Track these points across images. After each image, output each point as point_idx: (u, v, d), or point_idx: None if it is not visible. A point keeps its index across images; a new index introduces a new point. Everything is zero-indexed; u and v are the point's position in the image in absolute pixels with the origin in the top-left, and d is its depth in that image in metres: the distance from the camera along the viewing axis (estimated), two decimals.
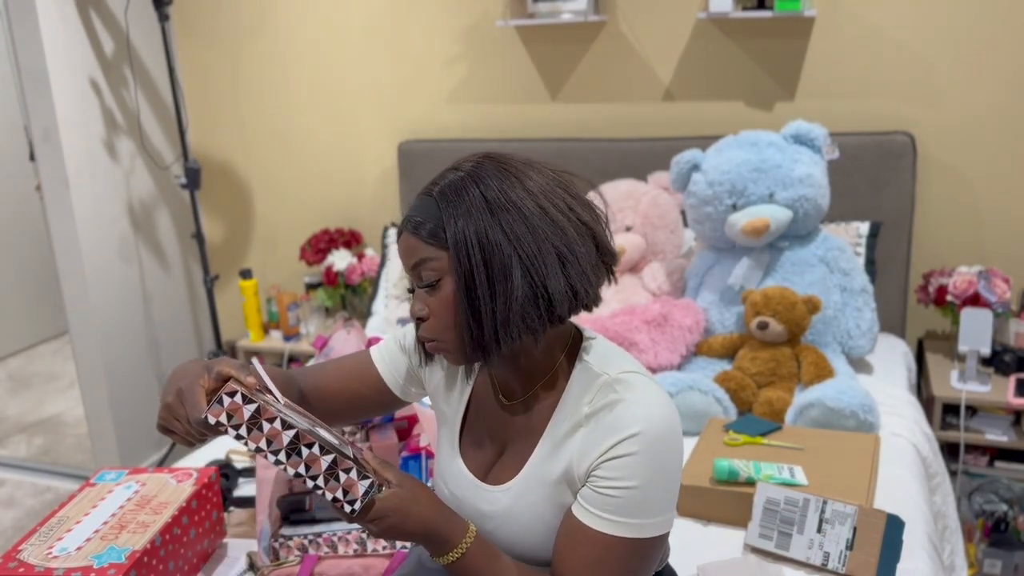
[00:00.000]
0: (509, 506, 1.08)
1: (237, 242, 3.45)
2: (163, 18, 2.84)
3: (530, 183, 1.01)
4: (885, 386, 2.17)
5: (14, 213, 4.37)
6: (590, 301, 1.04)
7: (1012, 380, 2.28)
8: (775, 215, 2.21)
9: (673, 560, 1.30)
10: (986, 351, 2.28)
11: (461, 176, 1.02)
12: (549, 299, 0.99)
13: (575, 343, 1.09)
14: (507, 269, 0.98)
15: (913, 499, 1.68)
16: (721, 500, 1.59)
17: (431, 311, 1.02)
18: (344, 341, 1.86)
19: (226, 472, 1.81)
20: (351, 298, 3.16)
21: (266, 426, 0.92)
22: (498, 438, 1.13)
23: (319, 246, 3.11)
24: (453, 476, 1.15)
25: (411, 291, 1.08)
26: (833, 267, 2.27)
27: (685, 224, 2.60)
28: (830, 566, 1.42)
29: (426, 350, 1.11)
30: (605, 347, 1.09)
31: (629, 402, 1.00)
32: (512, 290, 0.98)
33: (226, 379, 0.98)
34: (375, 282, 2.97)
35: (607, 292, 2.44)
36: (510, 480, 1.08)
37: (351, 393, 1.21)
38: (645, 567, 1.03)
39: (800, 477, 1.60)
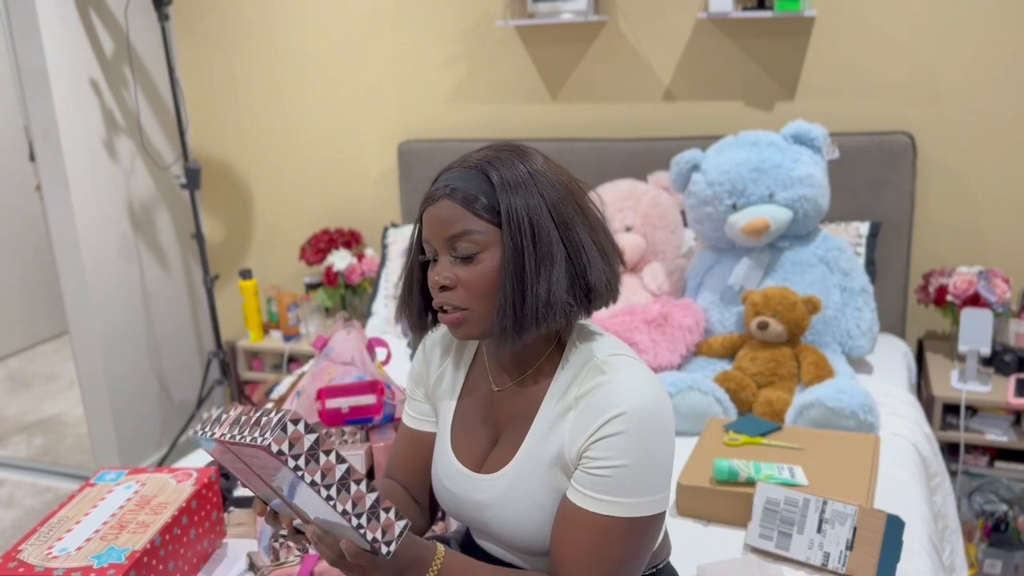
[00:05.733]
0: (504, 493, 1.08)
1: (237, 242, 3.45)
2: (163, 18, 2.84)
3: (563, 176, 1.07)
4: (885, 386, 2.17)
5: (14, 213, 4.37)
6: (617, 296, 1.09)
7: (1012, 380, 2.28)
8: (775, 215, 2.21)
9: (673, 560, 1.30)
10: (986, 351, 2.28)
11: (508, 155, 1.04)
12: (588, 288, 1.04)
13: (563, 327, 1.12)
14: (552, 255, 1.01)
15: (913, 499, 1.68)
16: (721, 500, 1.59)
17: (461, 282, 1.02)
18: (344, 341, 1.86)
19: (226, 472, 1.81)
20: (351, 298, 3.16)
21: (323, 458, 0.88)
22: (491, 427, 1.14)
23: (319, 246, 3.11)
24: (446, 471, 1.16)
25: (426, 259, 1.07)
26: (833, 267, 2.27)
27: (685, 224, 2.60)
28: (830, 566, 1.42)
29: (415, 323, 1.13)
30: (593, 331, 1.11)
31: (615, 383, 1.01)
32: (556, 275, 1.01)
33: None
34: (375, 282, 2.97)
35: None
36: (504, 467, 1.09)
37: (425, 461, 1.23)
38: (644, 548, 1.03)
39: (800, 477, 1.60)
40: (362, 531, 0.90)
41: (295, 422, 0.87)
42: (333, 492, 0.89)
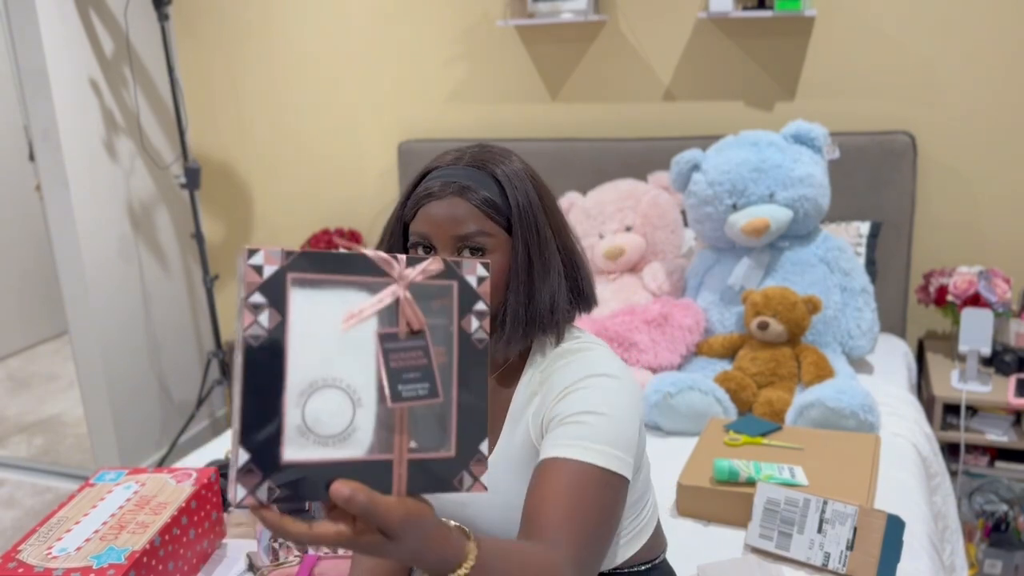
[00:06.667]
0: None
1: (237, 242, 3.45)
2: (163, 18, 2.84)
3: (541, 179, 1.11)
4: (885, 386, 2.17)
5: (14, 213, 4.37)
6: (597, 302, 1.13)
7: (1012, 380, 2.28)
8: (775, 215, 2.21)
9: (673, 560, 1.30)
10: (986, 351, 2.28)
11: (500, 155, 1.06)
12: (579, 292, 1.08)
13: None
14: (553, 261, 1.05)
15: (913, 499, 1.67)
16: (721, 500, 1.59)
17: None
18: None
19: (225, 472, 1.81)
20: None
21: None
22: None
23: (319, 246, 3.11)
24: None
25: (423, 248, 1.04)
26: (833, 267, 2.27)
27: (685, 224, 2.60)
28: (830, 566, 1.42)
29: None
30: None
31: (580, 359, 1.05)
32: (558, 281, 1.05)
33: None
34: None
35: (606, 292, 2.44)
36: None
37: None
38: (616, 511, 0.98)
39: (800, 477, 1.60)
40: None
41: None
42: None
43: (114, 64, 2.96)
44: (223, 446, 2.03)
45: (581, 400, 1.00)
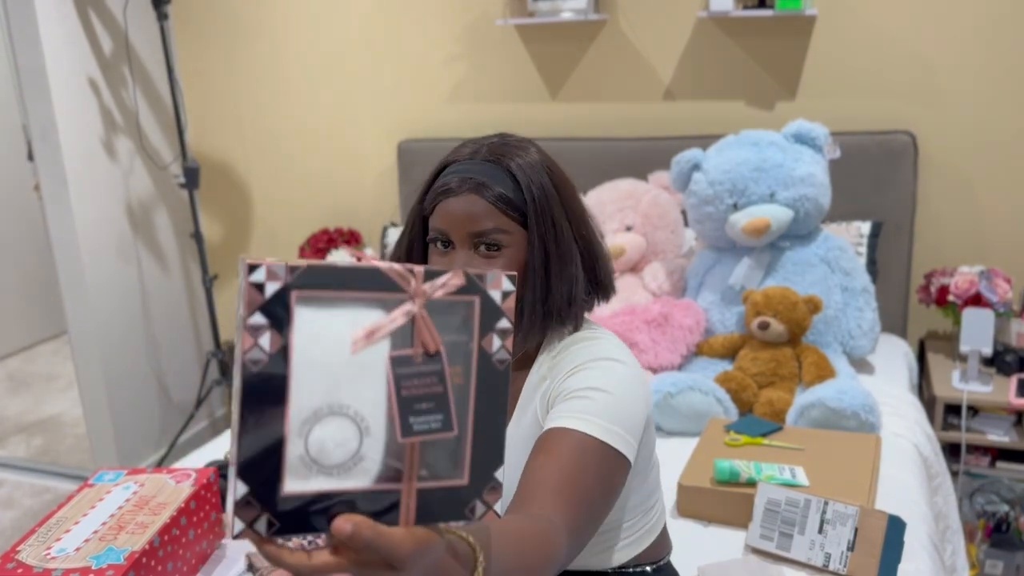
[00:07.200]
0: None
1: (236, 242, 3.44)
2: (162, 17, 2.83)
3: (560, 168, 1.12)
4: (886, 386, 2.17)
5: (13, 213, 4.36)
6: (615, 290, 1.14)
7: (1014, 380, 2.27)
8: (776, 215, 2.21)
9: (674, 561, 1.30)
10: (988, 351, 2.27)
11: (516, 148, 1.06)
12: (597, 282, 1.09)
13: None
14: (571, 253, 1.05)
15: (914, 500, 1.67)
16: (722, 501, 1.59)
17: None
18: None
19: (225, 472, 1.80)
20: None
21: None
22: None
23: (318, 246, 3.10)
24: None
25: (442, 243, 1.06)
26: (834, 267, 2.27)
27: (686, 224, 2.60)
28: (831, 567, 1.42)
29: None
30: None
31: (594, 346, 1.06)
32: (576, 273, 1.06)
33: None
34: None
35: None
36: None
37: None
38: (611, 491, 0.97)
39: (801, 478, 1.60)
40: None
41: None
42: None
43: (113, 64, 2.96)
44: (222, 446, 2.02)
45: (588, 378, 1.01)
